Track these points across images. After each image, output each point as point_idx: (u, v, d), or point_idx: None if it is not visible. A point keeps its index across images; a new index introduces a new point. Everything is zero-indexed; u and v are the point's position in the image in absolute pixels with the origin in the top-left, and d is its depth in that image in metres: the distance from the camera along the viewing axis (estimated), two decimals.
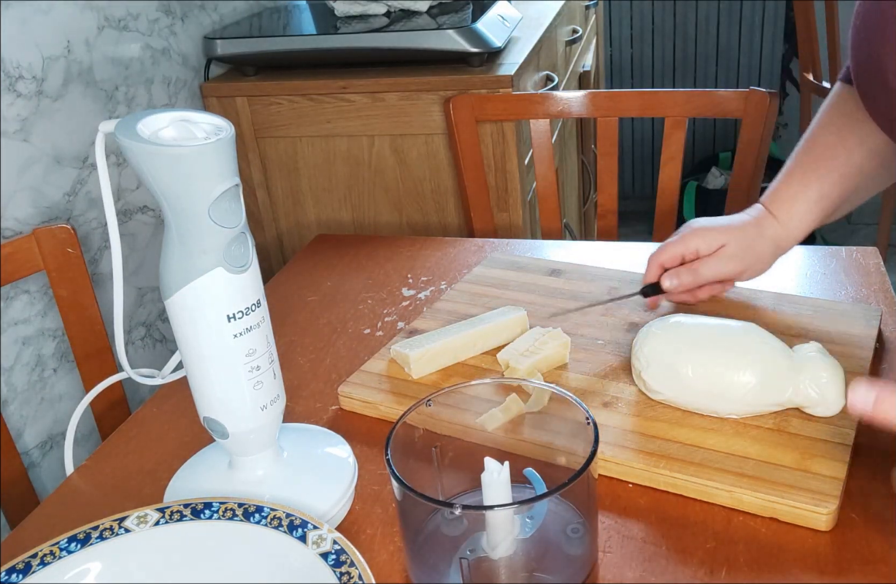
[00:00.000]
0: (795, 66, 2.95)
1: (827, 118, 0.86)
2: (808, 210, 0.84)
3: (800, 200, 0.84)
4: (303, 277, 1.08)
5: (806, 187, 0.84)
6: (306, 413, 0.81)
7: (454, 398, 0.64)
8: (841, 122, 0.84)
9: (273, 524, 0.58)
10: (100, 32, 1.30)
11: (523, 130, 1.48)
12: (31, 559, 0.58)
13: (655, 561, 0.60)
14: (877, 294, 0.92)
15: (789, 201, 0.85)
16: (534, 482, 0.59)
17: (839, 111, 0.85)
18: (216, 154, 0.56)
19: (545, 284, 0.96)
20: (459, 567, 0.55)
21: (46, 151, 1.20)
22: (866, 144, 0.83)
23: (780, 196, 0.85)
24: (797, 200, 0.84)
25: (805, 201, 0.84)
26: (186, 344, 0.62)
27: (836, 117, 0.85)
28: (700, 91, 1.31)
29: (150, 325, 1.45)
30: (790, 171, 0.86)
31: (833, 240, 2.82)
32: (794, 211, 0.85)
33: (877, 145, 0.83)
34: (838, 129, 0.84)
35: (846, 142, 0.83)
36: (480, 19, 1.46)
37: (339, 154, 1.52)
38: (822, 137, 0.85)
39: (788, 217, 0.85)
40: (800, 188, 0.84)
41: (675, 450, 0.68)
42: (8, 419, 1.14)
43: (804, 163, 0.85)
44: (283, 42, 1.48)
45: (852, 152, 0.83)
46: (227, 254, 0.59)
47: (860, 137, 0.83)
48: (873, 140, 0.83)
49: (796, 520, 0.62)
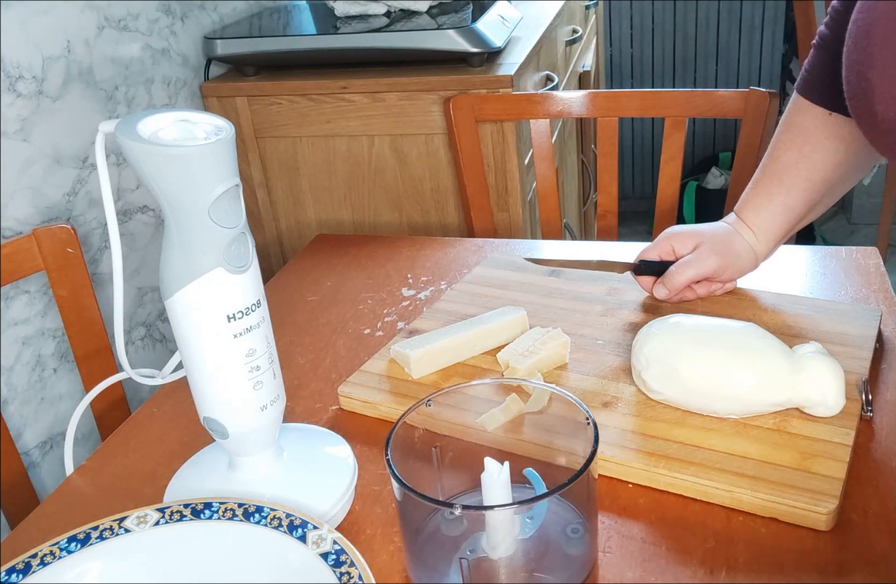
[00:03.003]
0: (795, 66, 2.95)
1: (787, 135, 0.88)
2: (773, 221, 0.88)
3: (765, 211, 0.88)
4: (303, 277, 1.08)
5: (769, 200, 0.88)
6: (306, 413, 0.81)
7: (454, 398, 0.64)
8: (801, 138, 0.86)
9: (273, 524, 0.58)
10: (100, 32, 1.30)
11: (523, 130, 1.48)
12: (31, 559, 0.58)
13: (655, 561, 0.60)
14: (877, 294, 0.92)
15: (755, 211, 0.89)
16: (534, 482, 0.59)
17: (799, 127, 0.86)
18: (216, 154, 0.56)
19: (545, 284, 0.96)
20: (459, 567, 0.55)
21: (46, 151, 1.20)
22: (829, 160, 0.85)
23: (748, 206, 0.89)
24: (763, 211, 0.88)
25: (770, 212, 0.88)
26: (186, 344, 0.62)
27: (797, 134, 0.86)
28: (700, 91, 1.31)
29: (150, 325, 1.45)
30: (757, 182, 0.89)
31: (833, 240, 2.82)
32: (762, 220, 0.88)
33: (838, 159, 0.85)
34: (799, 146, 0.86)
35: (808, 158, 0.85)
36: (480, 19, 1.46)
37: (339, 154, 1.52)
38: (785, 151, 0.87)
39: (757, 226, 0.89)
40: (765, 200, 0.88)
41: (675, 450, 0.68)
42: (8, 419, 1.14)
43: (769, 175, 0.88)
44: (283, 42, 1.48)
45: (815, 167, 0.85)
46: (227, 254, 0.59)
47: (822, 153, 0.85)
48: (835, 156, 0.84)
49: (796, 520, 0.62)
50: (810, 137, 0.85)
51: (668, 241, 0.90)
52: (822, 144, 0.84)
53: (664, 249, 0.90)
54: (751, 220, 0.89)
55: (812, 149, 0.85)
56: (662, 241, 0.90)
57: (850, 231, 2.90)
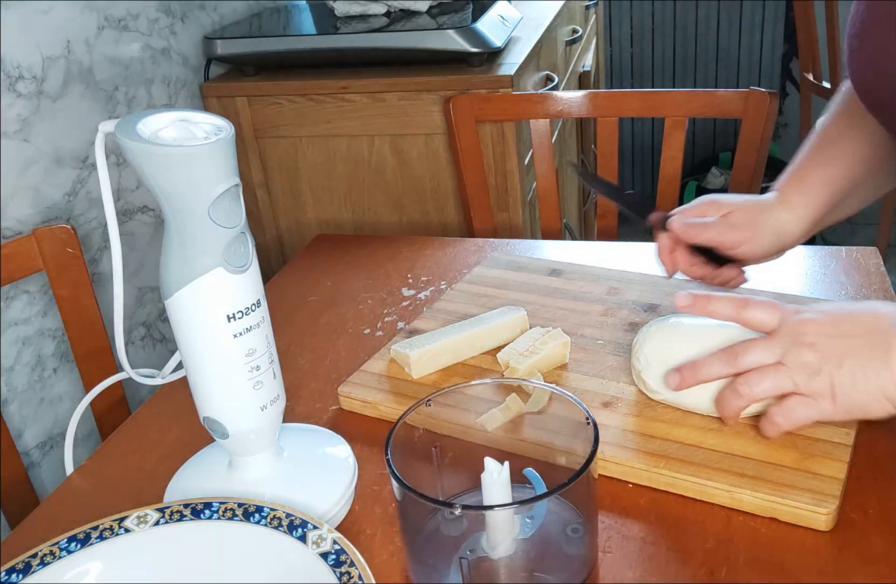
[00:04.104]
0: (795, 66, 2.95)
1: (835, 115, 0.88)
2: (815, 197, 0.86)
3: (806, 187, 0.86)
4: (303, 277, 1.08)
5: (813, 177, 0.86)
6: (306, 413, 0.81)
7: (454, 398, 0.64)
8: (846, 116, 0.86)
9: (273, 524, 0.58)
10: (100, 32, 1.30)
11: (523, 130, 1.48)
12: (31, 559, 0.58)
13: (655, 561, 0.60)
14: (877, 294, 0.92)
15: (797, 187, 0.86)
16: (534, 482, 0.59)
17: (845, 107, 0.87)
18: (216, 154, 0.56)
19: (545, 284, 0.96)
20: (459, 567, 0.55)
21: (46, 151, 1.20)
22: (868, 137, 0.85)
23: (789, 184, 0.87)
24: (804, 186, 0.86)
25: (812, 189, 0.86)
26: (186, 344, 0.62)
27: (843, 114, 0.87)
28: (700, 91, 1.31)
29: (150, 325, 1.45)
30: (800, 162, 0.88)
31: (833, 240, 2.82)
32: (801, 198, 0.86)
33: (880, 139, 0.85)
34: (846, 124, 0.86)
35: (847, 134, 0.85)
36: (480, 19, 1.46)
37: (339, 154, 1.52)
38: (829, 130, 0.87)
39: (796, 203, 0.86)
40: (807, 176, 0.86)
41: (675, 450, 0.68)
42: (8, 419, 1.14)
43: (812, 155, 0.87)
44: (283, 42, 1.48)
45: (857, 144, 0.85)
46: (227, 254, 0.59)
47: (863, 131, 0.84)
48: (877, 135, 0.84)
49: (796, 520, 0.62)
50: (855, 113, 0.85)
51: (700, 206, 0.86)
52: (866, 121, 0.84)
53: (694, 213, 0.86)
54: (792, 195, 0.86)
55: (853, 126, 0.85)
56: (696, 205, 0.87)
57: (850, 231, 2.90)
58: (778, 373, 0.63)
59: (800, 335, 0.64)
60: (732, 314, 0.68)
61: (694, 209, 0.87)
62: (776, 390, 0.64)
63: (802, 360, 0.63)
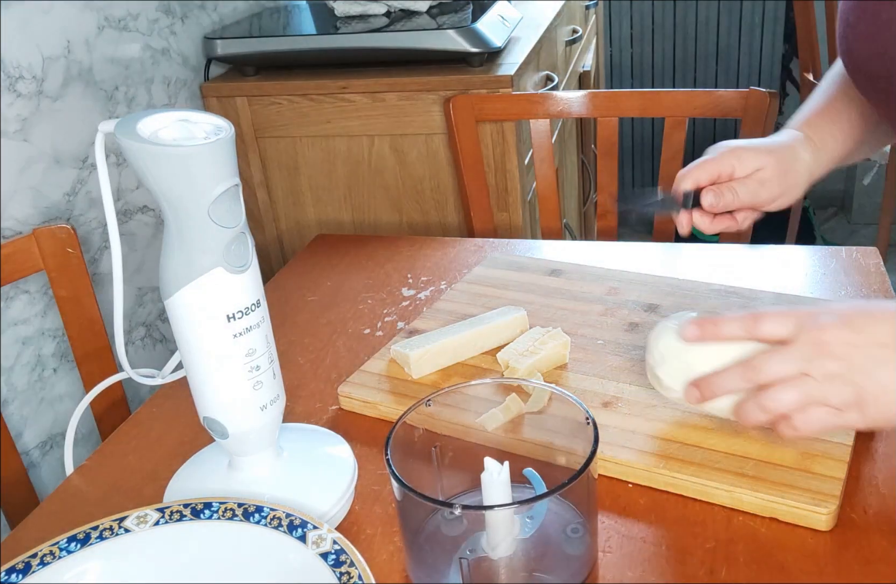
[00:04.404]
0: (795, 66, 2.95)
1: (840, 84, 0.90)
2: (842, 135, 0.87)
3: (837, 127, 0.87)
4: (303, 277, 1.08)
5: (841, 116, 0.87)
6: (306, 413, 0.81)
7: (454, 398, 0.64)
8: None
9: (273, 524, 0.58)
10: (100, 32, 1.30)
11: (523, 130, 1.48)
12: (31, 559, 0.58)
13: (655, 561, 0.60)
14: (877, 294, 0.92)
15: (826, 127, 0.87)
16: (534, 482, 0.59)
17: None
18: (216, 154, 0.56)
19: (545, 284, 0.96)
20: (459, 567, 0.55)
21: (46, 151, 1.20)
22: None
23: (815, 123, 0.88)
24: (834, 126, 0.87)
25: (839, 129, 0.87)
26: (186, 344, 0.62)
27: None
28: (700, 91, 1.31)
29: (150, 325, 1.45)
30: (824, 104, 0.89)
31: (833, 240, 2.81)
32: (829, 136, 0.86)
33: None
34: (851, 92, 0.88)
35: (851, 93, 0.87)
36: (480, 19, 1.46)
37: (339, 154, 1.52)
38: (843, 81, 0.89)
39: (824, 142, 0.86)
40: (837, 116, 0.87)
41: (675, 450, 0.68)
42: (8, 419, 1.14)
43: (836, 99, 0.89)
44: (283, 42, 1.48)
45: None
46: (227, 254, 0.59)
47: None
48: None
49: (796, 520, 0.62)
50: None
51: (731, 158, 0.81)
52: None
53: (724, 169, 0.80)
54: (819, 134, 0.85)
55: None
56: (726, 155, 0.81)
57: (850, 231, 2.90)
58: (805, 385, 0.60)
59: (823, 345, 0.60)
60: (746, 333, 0.64)
61: (717, 162, 0.82)
62: (803, 404, 0.60)
63: (829, 371, 0.59)
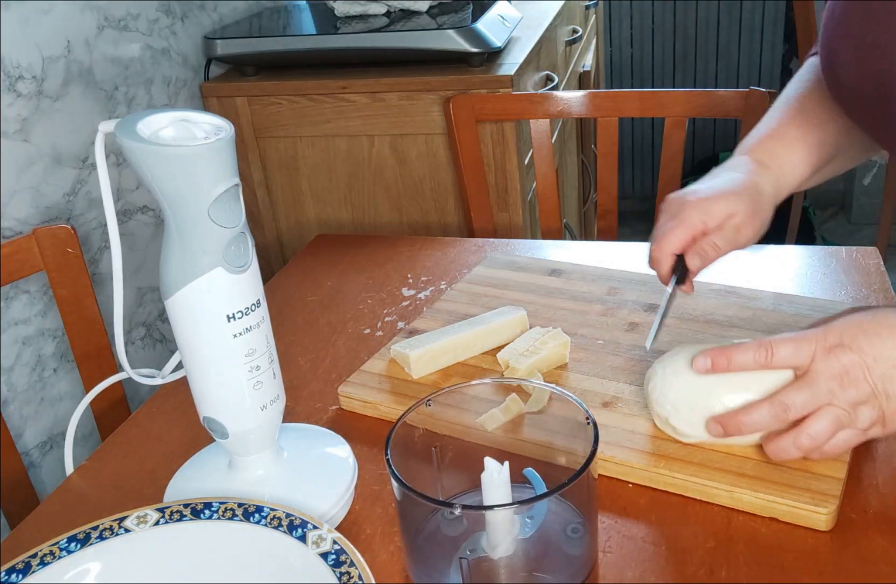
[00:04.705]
0: (795, 66, 2.95)
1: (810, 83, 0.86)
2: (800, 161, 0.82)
3: (795, 152, 0.82)
4: (303, 277, 1.08)
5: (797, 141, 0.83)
6: (306, 413, 0.81)
7: (454, 398, 0.63)
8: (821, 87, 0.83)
9: (273, 524, 0.58)
10: (100, 32, 1.30)
11: (523, 130, 1.48)
12: (31, 559, 0.58)
13: (655, 561, 0.60)
14: (877, 294, 0.92)
15: (782, 151, 0.82)
16: (534, 482, 0.59)
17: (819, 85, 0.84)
18: (216, 154, 0.56)
19: (545, 284, 0.96)
20: (459, 567, 0.55)
21: (46, 151, 1.20)
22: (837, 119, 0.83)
23: (771, 148, 0.83)
24: (791, 150, 0.82)
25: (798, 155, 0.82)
26: (186, 344, 0.62)
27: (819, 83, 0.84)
28: (700, 91, 1.31)
29: (150, 325, 1.45)
30: (779, 126, 0.85)
31: (833, 240, 2.81)
32: (787, 162, 0.82)
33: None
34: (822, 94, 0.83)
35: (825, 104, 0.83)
36: (480, 19, 1.46)
37: (339, 154, 1.52)
38: (805, 96, 0.85)
39: (781, 169, 0.82)
40: (793, 141, 0.83)
41: (675, 450, 0.68)
42: (8, 419, 1.14)
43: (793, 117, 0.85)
44: (283, 42, 1.48)
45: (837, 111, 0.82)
46: (227, 254, 0.59)
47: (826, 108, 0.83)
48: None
49: (796, 520, 0.62)
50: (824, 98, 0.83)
51: (696, 214, 0.75)
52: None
53: (696, 229, 0.75)
54: (777, 160, 0.81)
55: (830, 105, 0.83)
56: (690, 215, 0.75)
57: (850, 231, 2.90)
58: (834, 416, 0.62)
59: (843, 375, 0.62)
60: (758, 365, 0.64)
61: (684, 226, 0.75)
62: (835, 433, 0.63)
63: (854, 399, 0.62)
